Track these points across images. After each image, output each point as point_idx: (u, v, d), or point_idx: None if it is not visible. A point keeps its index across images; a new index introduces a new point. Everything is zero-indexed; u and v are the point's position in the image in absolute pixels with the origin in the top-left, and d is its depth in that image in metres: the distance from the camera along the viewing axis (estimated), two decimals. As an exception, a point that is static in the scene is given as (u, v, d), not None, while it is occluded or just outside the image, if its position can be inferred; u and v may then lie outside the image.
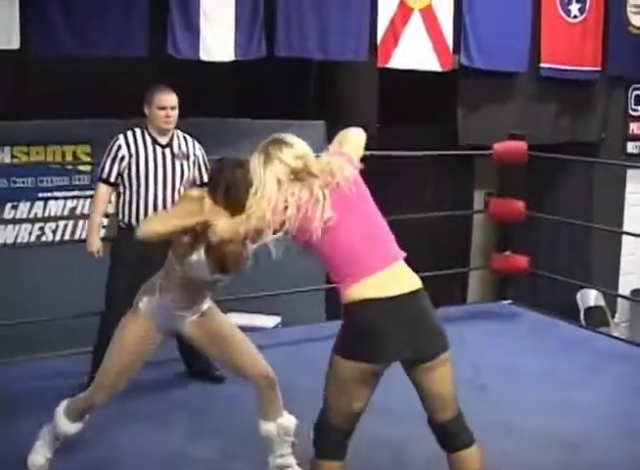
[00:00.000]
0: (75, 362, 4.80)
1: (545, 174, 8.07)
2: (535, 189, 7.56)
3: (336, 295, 2.93)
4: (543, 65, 7.37)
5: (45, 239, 6.57)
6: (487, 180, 8.26)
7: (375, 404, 3.01)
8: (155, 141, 4.52)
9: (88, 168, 6.47)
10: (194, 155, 4.62)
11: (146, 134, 4.53)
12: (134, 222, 4.45)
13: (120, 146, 4.49)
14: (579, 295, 8.33)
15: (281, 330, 6.26)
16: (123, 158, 4.48)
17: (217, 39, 5.82)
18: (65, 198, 6.61)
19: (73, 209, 6.65)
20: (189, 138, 4.64)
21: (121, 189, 4.55)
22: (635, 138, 8.54)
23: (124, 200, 4.54)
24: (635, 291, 8.57)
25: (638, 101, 8.43)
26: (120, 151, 4.49)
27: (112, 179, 4.52)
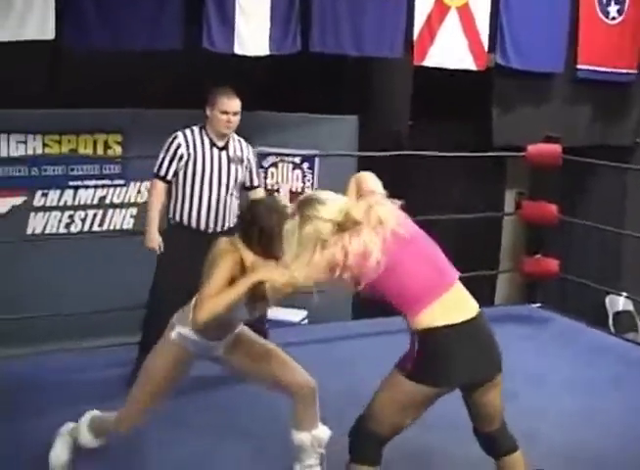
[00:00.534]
0: (123, 352, 4.83)
1: (577, 177, 7.96)
2: (567, 192, 7.46)
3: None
4: (580, 66, 7.27)
5: (74, 228, 6.60)
6: (518, 179, 8.19)
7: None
8: (212, 143, 4.53)
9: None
10: (247, 159, 4.64)
11: (204, 135, 4.53)
12: (185, 221, 4.52)
13: (180, 144, 4.49)
14: (608, 299, 8.26)
15: (308, 327, 6.22)
16: (182, 157, 4.48)
17: (252, 33, 5.80)
18: (95, 186, 6.64)
19: (103, 197, 6.68)
20: (243, 142, 4.65)
21: (174, 186, 4.54)
22: (670, 143, 8.41)
23: (177, 197, 4.54)
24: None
25: (675, 105, 8.29)
26: (180, 149, 4.48)
27: (168, 177, 4.52)
